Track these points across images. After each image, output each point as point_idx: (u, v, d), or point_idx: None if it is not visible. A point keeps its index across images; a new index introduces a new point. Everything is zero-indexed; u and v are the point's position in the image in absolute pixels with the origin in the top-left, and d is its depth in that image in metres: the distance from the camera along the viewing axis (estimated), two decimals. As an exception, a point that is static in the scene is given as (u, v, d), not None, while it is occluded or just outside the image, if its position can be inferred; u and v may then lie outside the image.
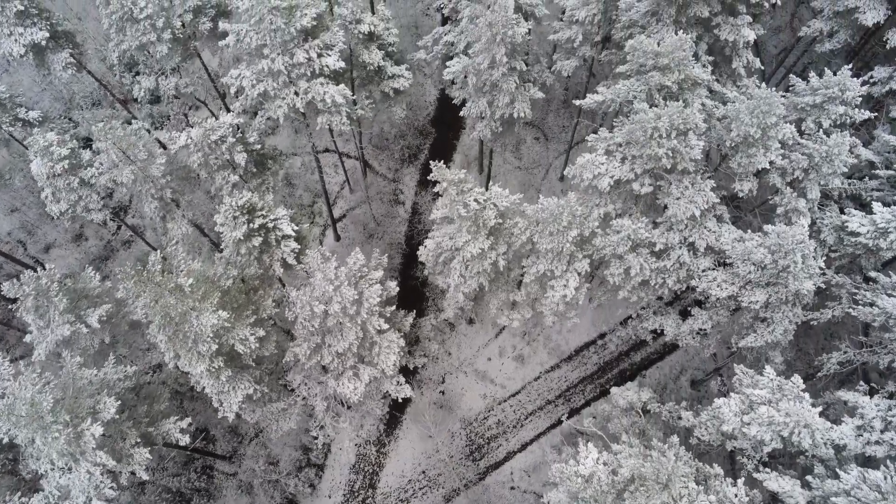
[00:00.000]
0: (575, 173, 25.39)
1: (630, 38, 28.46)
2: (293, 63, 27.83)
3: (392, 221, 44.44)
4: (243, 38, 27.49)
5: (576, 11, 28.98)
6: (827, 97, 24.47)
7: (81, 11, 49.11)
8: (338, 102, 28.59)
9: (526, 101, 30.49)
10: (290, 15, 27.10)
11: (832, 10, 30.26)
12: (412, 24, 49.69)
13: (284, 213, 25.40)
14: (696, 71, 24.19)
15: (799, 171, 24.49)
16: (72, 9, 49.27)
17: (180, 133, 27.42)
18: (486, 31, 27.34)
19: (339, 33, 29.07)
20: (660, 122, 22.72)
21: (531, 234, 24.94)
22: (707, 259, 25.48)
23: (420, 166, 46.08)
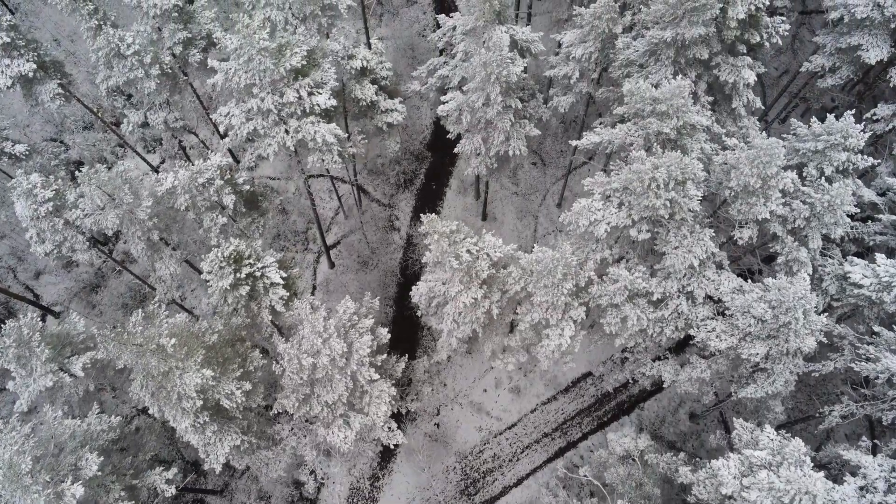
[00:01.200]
0: (571, 220, 24.76)
1: (628, 77, 27.95)
2: (283, 102, 27.23)
3: (387, 248, 43.81)
4: (231, 76, 26.87)
5: (572, 48, 28.36)
6: (829, 144, 23.86)
7: (73, 33, 48.42)
8: (329, 142, 27.98)
9: (521, 139, 29.92)
10: (280, 55, 26.51)
11: (834, 46, 29.64)
12: (408, 45, 49.09)
13: (272, 260, 24.77)
14: (695, 117, 23.56)
15: (800, 220, 23.86)
16: (63, 30, 48.58)
17: (167, 174, 26.80)
18: (480, 71, 26.77)
19: (330, 70, 28.47)
20: (657, 172, 22.10)
21: (526, 284, 24.30)
22: (706, 308, 24.86)
23: (416, 192, 45.46)
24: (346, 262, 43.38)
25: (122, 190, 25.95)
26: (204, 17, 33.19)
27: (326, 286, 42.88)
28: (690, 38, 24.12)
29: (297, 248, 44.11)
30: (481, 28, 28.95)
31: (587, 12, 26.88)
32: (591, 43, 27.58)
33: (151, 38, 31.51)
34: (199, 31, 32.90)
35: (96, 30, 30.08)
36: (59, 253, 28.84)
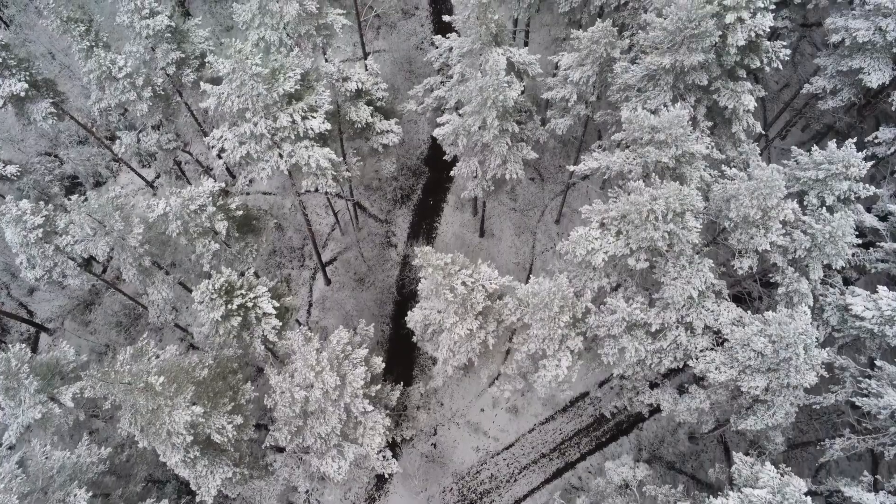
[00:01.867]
0: (568, 249, 24.36)
1: (626, 101, 27.57)
2: (276, 127, 26.86)
3: (384, 265, 43.41)
4: (224, 101, 26.51)
5: (570, 72, 27.97)
6: (830, 173, 23.46)
7: (68, 46, 47.91)
8: (323, 166, 27.61)
9: (518, 162, 29.54)
10: (273, 79, 26.14)
11: (835, 68, 29.25)
12: (405, 58, 48.69)
13: (265, 289, 24.38)
14: (694, 146, 23.19)
15: (801, 251, 23.47)
16: (58, 44, 48.17)
17: (158, 200, 26.42)
18: (476, 95, 26.39)
19: (324, 93, 28.11)
20: (655, 204, 21.72)
21: (522, 315, 23.91)
22: (705, 338, 24.48)
23: (413, 207, 45.07)
24: (342, 279, 42.98)
25: (112, 217, 25.58)
26: (197, 36, 32.88)
27: (322, 303, 42.49)
28: (689, 65, 23.73)
29: (294, 265, 43.73)
30: (478, 50, 28.59)
31: (584, 36, 26.49)
32: (588, 67, 27.19)
33: (144, 59, 31.15)
34: (192, 50, 32.57)
35: (88, 51, 29.76)
36: (50, 278, 28.46)
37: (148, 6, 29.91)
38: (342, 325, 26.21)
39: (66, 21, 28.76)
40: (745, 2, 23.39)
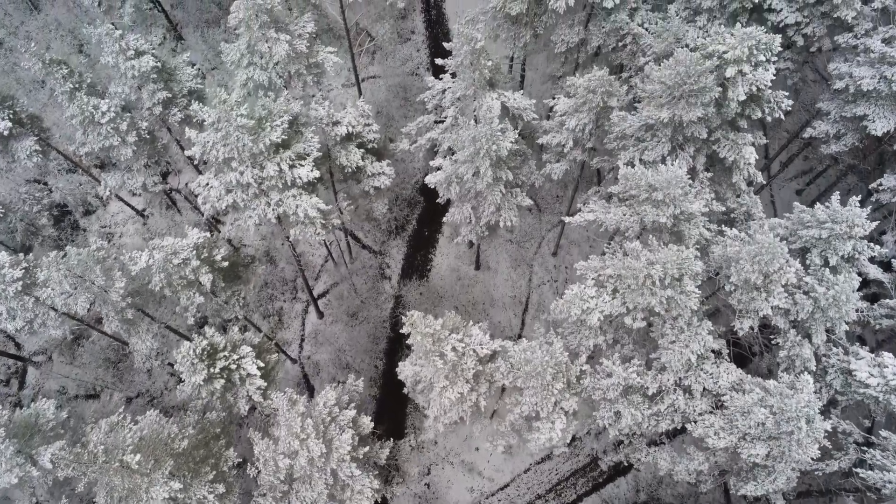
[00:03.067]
0: (562, 309, 23.56)
1: (624, 149, 26.81)
2: (263, 176, 26.10)
3: (378, 298, 42.61)
4: (209, 150, 25.75)
5: (566, 118, 27.19)
6: (834, 233, 22.67)
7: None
8: (311, 216, 26.85)
9: (513, 209, 28.78)
10: (259, 129, 25.38)
11: (839, 114, 28.46)
12: (400, 85, 47.91)
13: (248, 349, 23.60)
14: (693, 206, 22.39)
15: (804, 313, 22.67)
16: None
17: (140, 253, 25.64)
18: (469, 145, 25.61)
19: (313, 139, 27.35)
20: (653, 269, 20.95)
21: (514, 378, 23.13)
22: (704, 401, 23.68)
23: (408, 238, 44.28)
24: (335, 313, 42.19)
25: (92, 271, 24.80)
26: (185, 74, 32.10)
27: (315, 337, 41.69)
28: (688, 120, 22.95)
29: (286, 297, 42.94)
30: (471, 96, 27.82)
31: (581, 84, 25.72)
32: (585, 114, 26.41)
33: (130, 99, 30.40)
34: (180, 89, 31.81)
35: (71, 93, 28.95)
36: (31, 328, 27.69)
37: (133, 47, 29.16)
38: (333, 364, 25.47)
39: (49, 64, 27.96)
40: (745, 55, 22.61)
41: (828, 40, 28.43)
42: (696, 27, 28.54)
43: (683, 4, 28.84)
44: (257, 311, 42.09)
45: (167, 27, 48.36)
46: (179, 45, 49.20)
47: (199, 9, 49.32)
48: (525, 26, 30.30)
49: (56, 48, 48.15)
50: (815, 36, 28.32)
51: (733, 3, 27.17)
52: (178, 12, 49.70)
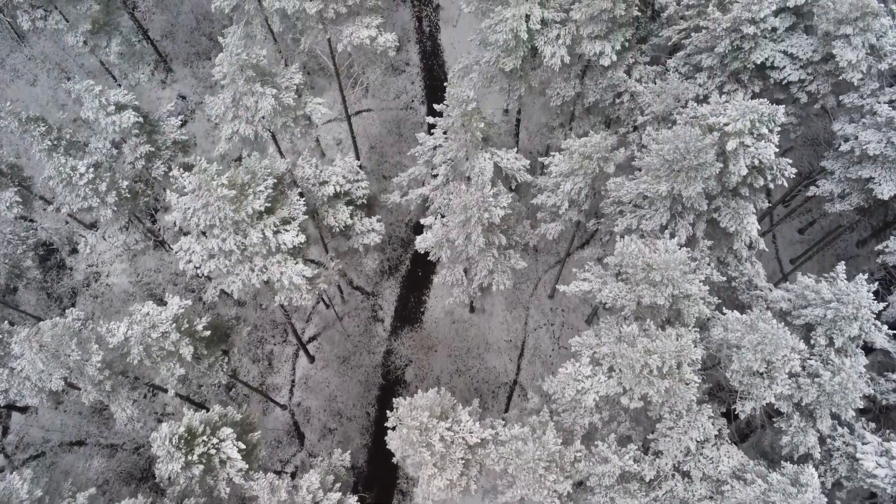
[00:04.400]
0: (556, 390, 22.61)
1: (621, 215, 25.85)
2: (247, 243, 25.15)
3: (370, 342, 41.63)
4: (190, 217, 24.81)
5: (561, 180, 26.24)
6: (840, 315, 21.70)
7: (46, 103, 46.20)
8: (297, 284, 25.90)
9: (506, 272, 27.84)
10: (242, 197, 24.42)
11: (843, 174, 27.50)
12: (394, 119, 46.94)
13: (229, 431, 22.62)
14: (692, 288, 21.43)
15: (808, 398, 21.71)
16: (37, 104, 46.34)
17: (118, 325, 24.69)
18: (460, 213, 24.65)
19: (299, 202, 26.42)
20: (651, 358, 20.00)
21: (506, 465, 22.15)
22: (704, 485, 22.71)
23: (401, 279, 43.30)
24: (327, 357, 41.23)
25: (67, 346, 23.82)
26: (169, 125, 31.12)
27: (306, 383, 40.72)
28: (688, 196, 21.99)
29: (276, 340, 41.96)
30: (463, 157, 26.87)
31: (576, 149, 24.76)
32: (580, 179, 25.45)
33: (112, 153, 29.45)
34: (164, 141, 30.83)
35: (50, 151, 27.98)
36: (6, 398, 26.77)
37: (113, 101, 28.19)
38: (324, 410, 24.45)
39: (26, 122, 27.01)
40: (747, 128, 21.66)
41: (832, 98, 27.46)
42: (695, 84, 27.57)
43: (683, 60, 27.87)
44: (247, 355, 41.13)
45: (156, 60, 47.40)
46: (169, 76, 48.29)
47: (188, 41, 48.38)
48: (519, 79, 29.34)
49: (43, 81, 47.24)
50: (820, 93, 27.36)
51: (734, 62, 26.20)
52: (167, 43, 48.72)
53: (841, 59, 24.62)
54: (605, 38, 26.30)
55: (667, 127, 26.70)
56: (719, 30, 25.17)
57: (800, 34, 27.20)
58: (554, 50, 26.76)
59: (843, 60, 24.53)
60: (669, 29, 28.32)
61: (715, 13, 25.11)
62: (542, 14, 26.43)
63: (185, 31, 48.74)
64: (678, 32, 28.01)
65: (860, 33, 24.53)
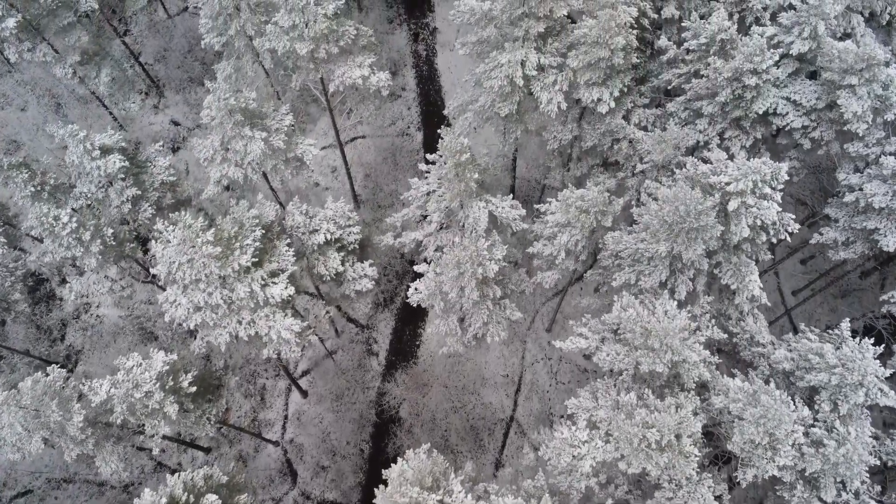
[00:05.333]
0: (551, 456, 21.88)
1: (619, 269, 25.13)
2: (233, 297, 24.43)
3: (364, 376, 40.88)
4: (175, 271, 24.09)
5: (557, 231, 25.52)
6: (845, 382, 20.97)
7: (35, 129, 45.45)
8: (286, 338, 25.18)
9: (501, 323, 27.10)
10: (228, 252, 23.71)
11: (848, 223, 26.78)
12: (390, 146, 46.21)
13: (214, 498, 21.86)
14: (692, 355, 20.70)
15: (813, 468, 20.97)
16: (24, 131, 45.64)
17: (101, 383, 23.97)
18: (453, 269, 23.93)
19: (288, 253, 25.75)
20: (649, 432, 19.27)
21: (500, 535, 21.39)
22: (704, 556, 21.96)
23: (396, 311, 42.53)
24: (320, 392, 40.48)
25: (48, 407, 23.12)
26: (157, 166, 30.39)
27: (299, 418, 39.98)
28: (688, 258, 21.27)
29: (269, 374, 41.21)
30: (457, 207, 26.16)
31: (573, 201, 24.04)
32: (577, 231, 24.72)
33: (98, 197, 28.71)
34: (151, 182, 30.10)
35: (34, 197, 27.26)
36: (-13, 453, 26.00)
37: (98, 146, 27.48)
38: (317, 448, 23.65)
39: (8, 168, 26.30)
40: (749, 188, 20.96)
41: (836, 144, 26.75)
42: (695, 130, 26.84)
43: (683, 105, 27.15)
44: (239, 390, 40.39)
45: (148, 85, 46.70)
46: (162, 101, 47.59)
47: (181, 65, 47.64)
48: (516, 122, 28.62)
49: (33, 107, 46.49)
50: (823, 140, 26.65)
51: (736, 110, 25.48)
52: (160, 67, 47.99)
53: (846, 111, 23.91)
54: (602, 85, 25.58)
55: (666, 175, 26.06)
56: (720, 79, 24.45)
57: (803, 79, 26.52)
58: (550, 96, 26.05)
59: (849, 112, 23.82)
60: (669, 72, 27.61)
61: (716, 62, 24.39)
62: (539, 59, 25.73)
63: (178, 56, 48.01)
64: (678, 76, 27.29)
65: (866, 84, 23.83)
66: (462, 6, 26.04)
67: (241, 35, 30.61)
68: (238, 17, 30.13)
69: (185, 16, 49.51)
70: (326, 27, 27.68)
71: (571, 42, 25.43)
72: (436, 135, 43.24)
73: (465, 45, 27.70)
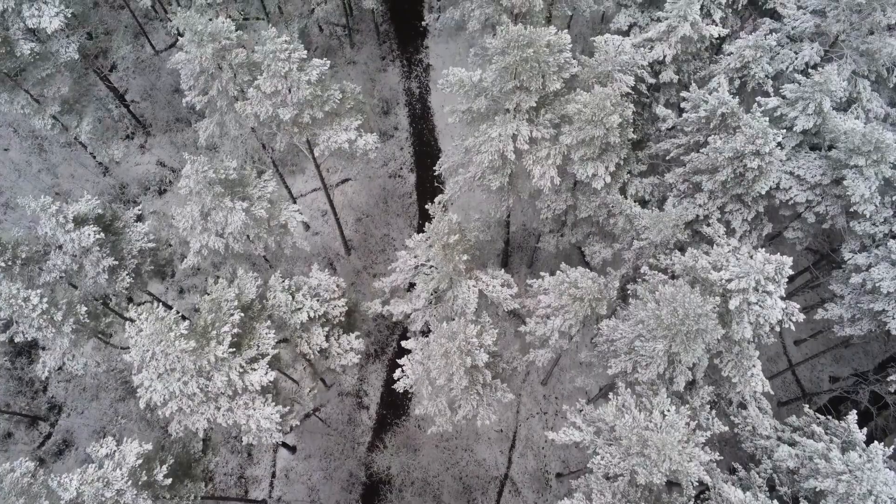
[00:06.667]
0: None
1: (615, 356, 24.00)
2: (210, 386, 23.31)
3: (354, 430, 39.74)
4: (149, 360, 22.98)
5: (549, 315, 24.40)
6: (853, 491, 19.84)
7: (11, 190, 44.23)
8: (265, 427, 24.05)
9: (492, 406, 25.95)
10: (205, 342, 22.58)
11: (854, 301, 25.67)
12: (381, 189, 45.08)
13: None
14: (693, 469, 19.56)
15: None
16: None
17: (70, 478, 22.78)
18: (441, 359, 22.79)
19: (269, 336, 24.59)
20: (646, 555, 18.12)
21: None
22: None
23: (388, 362, 41.35)
24: (308, 447, 39.33)
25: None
26: (135, 232, 29.27)
27: (287, 475, 38.83)
28: (687, 362, 20.14)
29: None
30: (445, 287, 25.03)
31: (566, 287, 22.91)
32: (571, 315, 23.60)
33: (72, 269, 27.57)
34: (129, 250, 28.97)
35: (5, 272, 26.11)
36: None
37: (72, 217, 26.33)
38: None
39: (-24, 244, 25.18)
40: (752, 286, 19.84)
41: (842, 218, 25.63)
42: (695, 204, 25.71)
43: (682, 177, 26.02)
44: (225, 445, 39.25)
45: (134, 125, 45.56)
46: (149, 140, 46.45)
47: (168, 104, 46.52)
48: (507, 192, 27.50)
49: (16, 147, 45.31)
50: (829, 214, 25.54)
51: (737, 187, 24.34)
52: (146, 105, 46.80)
53: (853, 193, 22.81)
54: (598, 159, 24.45)
55: (665, 253, 24.96)
56: (721, 159, 23.33)
57: (807, 152, 25.43)
58: (543, 170, 24.93)
59: (856, 195, 22.72)
60: (668, 142, 26.51)
61: (716, 142, 23.27)
62: (531, 132, 24.60)
63: (164, 94, 46.90)
64: (677, 147, 26.18)
65: (874, 165, 22.72)
66: (451, 77, 24.94)
67: (224, 95, 29.47)
68: (220, 76, 28.99)
69: (172, 51, 48.30)
70: (310, 93, 26.60)
71: (565, 113, 24.32)
72: (429, 175, 43.08)
73: (455, 112, 26.57)
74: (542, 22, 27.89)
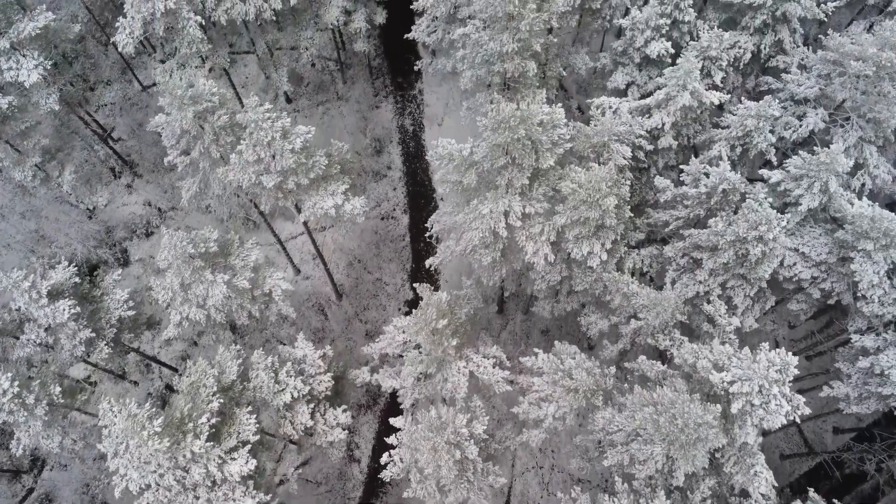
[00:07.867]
0: None
1: (611, 446, 22.95)
2: (188, 479, 22.26)
3: (345, 485, 38.69)
4: (123, 453, 21.95)
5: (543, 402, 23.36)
6: None
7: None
8: (247, 520, 23.00)
9: (484, 490, 24.89)
10: (181, 437, 21.54)
11: (862, 382, 24.63)
12: (374, 231, 43.96)
13: None
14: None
15: None
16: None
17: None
18: (429, 452, 21.75)
19: (250, 422, 23.58)
20: None
21: None
22: None
23: (380, 413, 40.32)
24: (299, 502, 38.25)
25: None
26: (114, 300, 28.20)
27: (275, 532, 37.75)
28: (686, 469, 19.10)
29: (245, 482, 38.93)
30: (435, 371, 23.99)
31: (559, 378, 21.89)
32: (566, 404, 22.55)
33: (48, 341, 26.54)
34: (108, 319, 27.91)
35: (-25, 350, 25.10)
36: None
37: (46, 291, 25.27)
38: None
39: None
40: (756, 390, 18.80)
41: (849, 295, 24.58)
42: (695, 281, 24.66)
43: (681, 251, 24.96)
44: None
45: (121, 164, 44.49)
46: (136, 181, 45.37)
47: (155, 142, 45.21)
48: (500, 264, 26.45)
49: (1, 198, 44.26)
50: (835, 291, 24.50)
51: (738, 268, 23.27)
52: (133, 143, 45.71)
53: (861, 279, 21.77)
54: (593, 237, 23.39)
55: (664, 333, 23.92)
56: (722, 242, 22.28)
57: (812, 227, 24.38)
58: (537, 247, 23.87)
59: (864, 281, 21.67)
60: (667, 213, 25.46)
61: (717, 224, 22.22)
62: (524, 208, 23.55)
63: (152, 132, 44.90)
64: (676, 219, 25.14)
65: (882, 249, 21.67)
66: (441, 150, 23.90)
67: (206, 156, 28.42)
68: (202, 137, 27.94)
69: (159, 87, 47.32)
70: (294, 161, 25.57)
71: (559, 189, 23.28)
72: (423, 216, 41.96)
73: (445, 182, 25.51)
74: (535, 84, 26.82)
